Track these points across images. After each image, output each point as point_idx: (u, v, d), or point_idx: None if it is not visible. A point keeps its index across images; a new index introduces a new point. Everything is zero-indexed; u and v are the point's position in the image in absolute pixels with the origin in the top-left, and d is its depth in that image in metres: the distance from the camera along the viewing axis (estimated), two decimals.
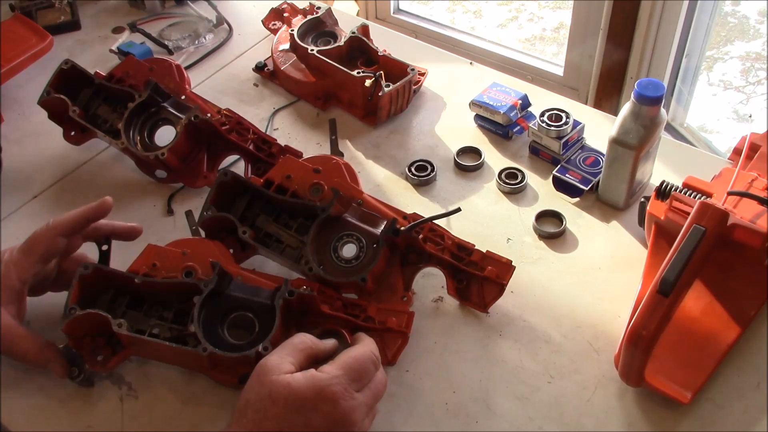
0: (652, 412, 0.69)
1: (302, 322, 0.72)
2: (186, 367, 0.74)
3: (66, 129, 0.96)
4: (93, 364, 0.71)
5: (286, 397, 0.58)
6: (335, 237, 0.77)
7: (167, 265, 0.74)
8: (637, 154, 0.81)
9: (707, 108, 2.13)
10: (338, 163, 0.81)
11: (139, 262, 0.74)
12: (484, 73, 1.11)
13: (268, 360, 0.62)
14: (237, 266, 0.76)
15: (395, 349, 0.73)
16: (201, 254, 0.75)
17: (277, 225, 0.79)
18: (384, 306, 0.74)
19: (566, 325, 0.77)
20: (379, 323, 0.73)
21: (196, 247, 0.76)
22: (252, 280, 0.74)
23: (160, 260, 0.74)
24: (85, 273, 0.70)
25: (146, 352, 0.73)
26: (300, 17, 1.13)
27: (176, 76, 0.96)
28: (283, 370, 0.60)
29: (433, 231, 0.78)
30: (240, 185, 0.79)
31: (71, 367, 0.72)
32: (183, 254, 0.74)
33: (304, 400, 0.58)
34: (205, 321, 0.70)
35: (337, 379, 0.60)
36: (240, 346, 0.69)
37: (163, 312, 0.72)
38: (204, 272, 0.73)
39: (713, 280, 0.75)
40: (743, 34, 2.38)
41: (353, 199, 0.79)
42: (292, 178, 0.79)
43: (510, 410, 0.70)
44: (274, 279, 0.75)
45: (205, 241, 0.78)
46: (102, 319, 0.69)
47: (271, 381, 0.59)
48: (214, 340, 0.69)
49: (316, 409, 0.58)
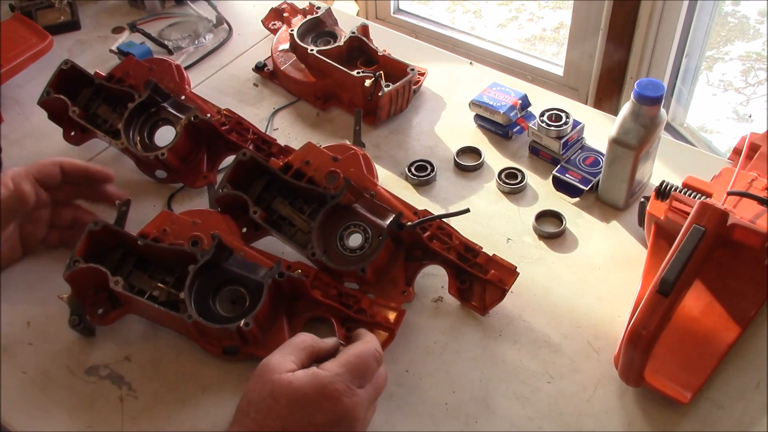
0: (652, 412, 0.69)
1: (293, 306, 0.74)
2: (177, 331, 0.76)
3: (66, 129, 0.96)
4: (93, 317, 0.75)
5: (288, 395, 0.58)
6: (343, 226, 0.79)
7: (176, 232, 0.76)
8: (637, 154, 0.81)
9: (707, 108, 2.13)
10: (356, 153, 0.81)
11: (151, 226, 0.77)
12: (484, 73, 1.11)
13: (270, 360, 0.62)
14: (242, 242, 0.78)
15: (381, 344, 0.73)
16: (211, 226, 0.77)
17: (292, 209, 0.80)
18: (378, 300, 0.75)
19: (566, 325, 0.77)
20: (370, 317, 0.73)
21: (208, 218, 0.78)
22: (254, 258, 0.76)
23: (171, 227, 0.77)
24: (94, 229, 0.75)
25: (142, 312, 0.76)
26: (300, 17, 1.13)
27: (176, 76, 0.96)
28: (285, 369, 0.60)
29: (441, 229, 0.78)
30: (259, 166, 0.81)
31: (72, 316, 0.74)
32: (193, 224, 0.77)
33: (307, 398, 0.58)
34: (198, 290, 0.73)
35: (339, 376, 0.60)
36: (224, 319, 0.72)
37: (166, 276, 0.76)
38: (210, 243, 0.75)
39: (713, 280, 0.75)
40: (743, 34, 2.38)
41: (366, 190, 0.79)
42: (310, 164, 0.80)
43: (510, 410, 0.70)
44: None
45: (217, 214, 0.80)
46: (101, 274, 0.72)
47: (273, 380, 0.59)
48: (204, 309, 0.72)
49: (319, 406, 0.58)
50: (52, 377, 0.74)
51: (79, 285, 0.74)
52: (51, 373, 0.74)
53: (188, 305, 0.70)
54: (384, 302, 0.75)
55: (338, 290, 0.75)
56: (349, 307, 0.74)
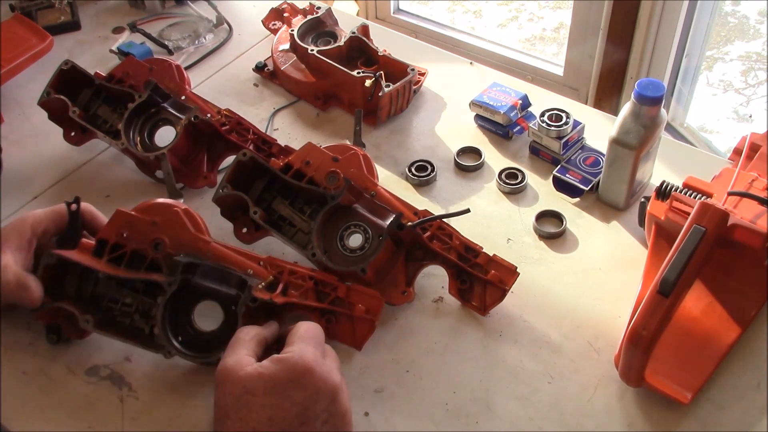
0: (652, 412, 0.69)
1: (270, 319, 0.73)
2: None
3: (66, 129, 0.96)
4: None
5: (263, 386, 0.58)
6: (343, 226, 0.79)
7: (137, 236, 0.72)
8: (637, 154, 0.81)
9: (707, 108, 2.13)
10: (356, 154, 0.81)
11: (107, 230, 0.73)
12: (484, 73, 1.11)
13: (226, 364, 0.61)
14: (207, 239, 0.74)
15: (362, 335, 0.74)
16: (171, 224, 0.73)
17: (292, 209, 0.80)
18: (355, 287, 0.75)
19: (566, 325, 0.77)
20: (348, 305, 0.73)
21: (165, 213, 0.74)
22: (223, 256, 0.74)
23: (129, 229, 0.73)
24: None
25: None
26: (300, 17, 1.13)
27: (176, 77, 0.96)
28: (246, 364, 0.60)
29: (441, 230, 0.78)
30: (259, 167, 0.81)
31: (49, 335, 0.75)
32: (153, 224, 0.73)
33: (282, 381, 0.58)
34: (171, 315, 0.71)
35: (303, 350, 0.60)
36: (205, 339, 0.72)
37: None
38: (173, 245, 0.73)
39: (713, 280, 0.75)
40: (743, 34, 2.38)
41: (366, 190, 0.79)
42: (311, 164, 0.80)
43: (510, 410, 0.70)
44: (246, 255, 0.75)
45: (172, 207, 0.74)
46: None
47: (241, 377, 0.59)
48: (181, 330, 0.72)
49: (296, 384, 0.58)
50: (52, 377, 0.74)
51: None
52: (51, 374, 0.74)
53: (165, 341, 0.70)
54: (363, 290, 0.74)
55: (315, 279, 0.75)
56: (327, 295, 0.74)
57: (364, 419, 0.70)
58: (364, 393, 0.72)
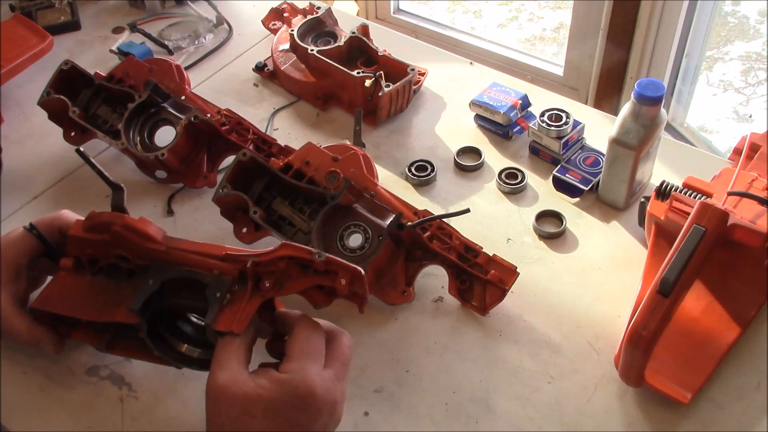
0: (652, 412, 0.69)
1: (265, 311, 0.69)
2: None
3: (66, 129, 0.96)
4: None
5: (263, 407, 0.57)
6: (343, 226, 0.79)
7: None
8: (637, 154, 0.81)
9: (707, 108, 2.13)
10: (356, 154, 0.81)
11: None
12: (484, 73, 1.11)
13: (218, 379, 0.57)
14: (161, 240, 0.66)
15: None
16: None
17: (292, 209, 0.80)
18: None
19: (566, 325, 0.77)
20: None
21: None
22: (188, 261, 0.66)
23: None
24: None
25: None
26: (300, 17, 1.13)
27: (176, 77, 0.96)
28: (242, 381, 0.57)
29: (441, 229, 0.78)
30: (259, 167, 0.81)
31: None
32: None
33: (282, 405, 0.57)
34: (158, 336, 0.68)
35: (305, 371, 0.58)
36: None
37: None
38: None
39: (713, 280, 0.75)
40: (743, 34, 2.38)
41: (366, 190, 0.79)
42: (310, 164, 0.80)
43: (510, 410, 0.70)
44: (210, 247, 0.66)
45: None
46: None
47: (238, 398, 0.57)
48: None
49: (297, 408, 0.57)
50: (52, 377, 0.74)
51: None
52: (51, 374, 0.74)
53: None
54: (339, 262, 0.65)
55: (290, 255, 0.65)
56: (307, 267, 0.65)
57: (364, 419, 0.70)
58: (364, 393, 0.72)
